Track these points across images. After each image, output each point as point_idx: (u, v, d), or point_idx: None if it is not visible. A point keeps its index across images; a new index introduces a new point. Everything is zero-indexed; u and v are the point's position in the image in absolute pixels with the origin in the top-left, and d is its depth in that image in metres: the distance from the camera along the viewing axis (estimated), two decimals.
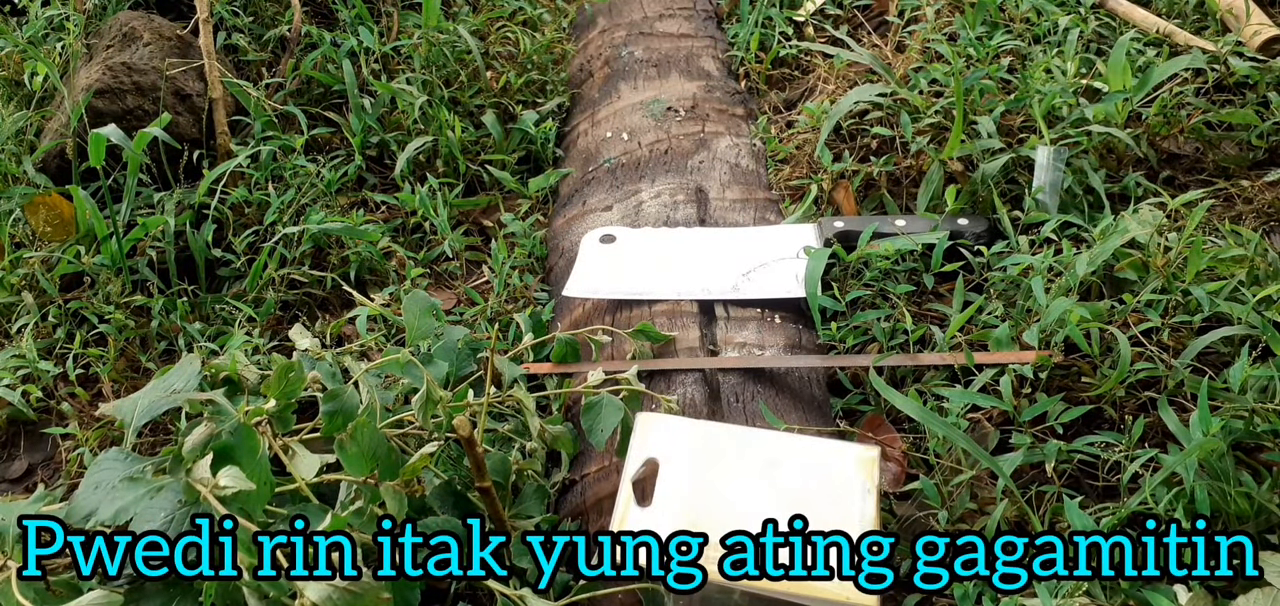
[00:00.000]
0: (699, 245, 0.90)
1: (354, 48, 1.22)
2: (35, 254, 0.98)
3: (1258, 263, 0.76)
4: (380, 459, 0.58)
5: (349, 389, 0.65)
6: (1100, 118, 0.96)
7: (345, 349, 0.81)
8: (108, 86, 1.08)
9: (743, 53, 1.23)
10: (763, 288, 0.84)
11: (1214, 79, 1.02)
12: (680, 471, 0.60)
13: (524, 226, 1.01)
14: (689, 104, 1.11)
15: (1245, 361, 0.68)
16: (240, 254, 0.99)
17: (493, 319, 0.91)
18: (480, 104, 1.17)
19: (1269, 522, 0.60)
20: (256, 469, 0.55)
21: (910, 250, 0.86)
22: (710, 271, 0.86)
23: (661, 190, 0.98)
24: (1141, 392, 0.72)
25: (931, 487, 0.66)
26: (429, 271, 0.99)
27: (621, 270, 0.88)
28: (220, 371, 0.67)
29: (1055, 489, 0.66)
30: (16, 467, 0.86)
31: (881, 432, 0.73)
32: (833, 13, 1.27)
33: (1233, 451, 0.62)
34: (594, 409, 0.67)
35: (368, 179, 1.11)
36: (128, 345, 0.92)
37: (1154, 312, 0.75)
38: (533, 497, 0.68)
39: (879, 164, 0.98)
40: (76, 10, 1.24)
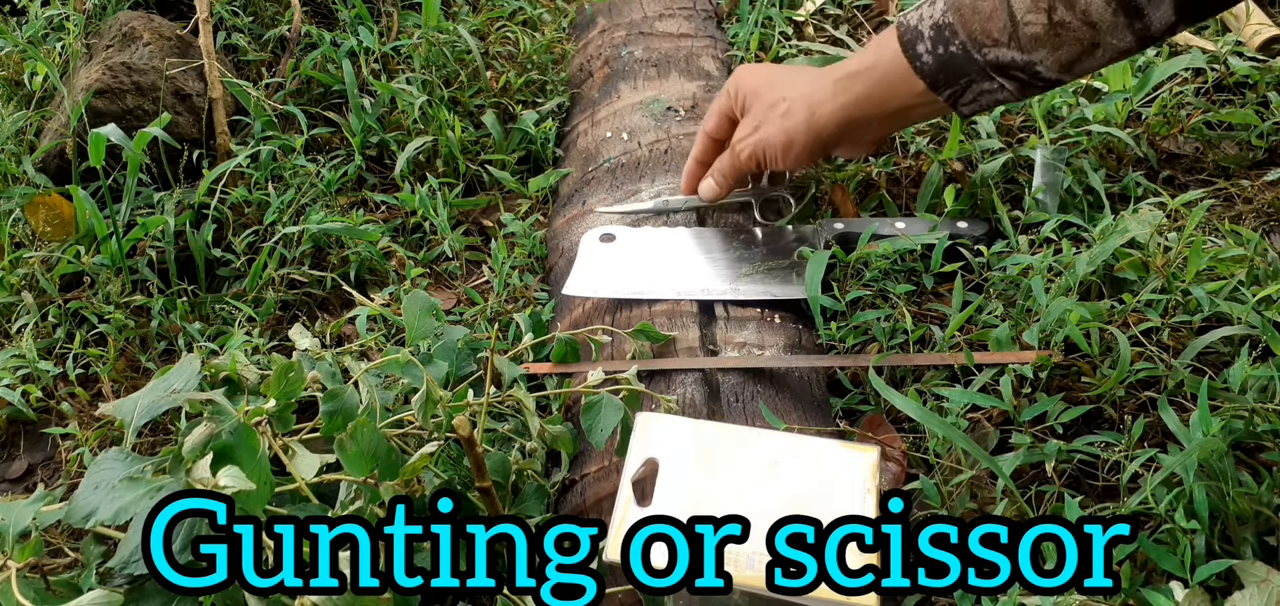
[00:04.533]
0: (699, 245, 0.90)
1: (354, 48, 1.22)
2: (35, 254, 0.98)
3: (1258, 263, 0.76)
4: (380, 459, 0.58)
5: (349, 389, 0.65)
6: (1100, 117, 0.96)
7: (345, 349, 0.81)
8: (108, 86, 1.08)
9: (743, 53, 1.24)
10: (762, 288, 0.84)
11: (1214, 79, 1.02)
12: (680, 471, 0.60)
13: (524, 226, 1.01)
14: (689, 104, 1.11)
15: (1245, 361, 0.68)
16: (240, 254, 0.99)
17: (493, 319, 0.91)
18: (480, 104, 1.17)
19: (1269, 523, 0.60)
20: (256, 469, 0.55)
21: (910, 250, 0.86)
22: (710, 271, 0.87)
23: (661, 190, 0.98)
24: (1141, 392, 0.72)
25: (931, 487, 0.66)
26: (429, 271, 0.99)
27: (621, 269, 0.88)
28: (220, 371, 0.67)
29: (1055, 488, 0.66)
30: (16, 467, 0.86)
31: (881, 432, 0.73)
32: (833, 12, 1.27)
33: (1233, 451, 0.62)
34: (594, 409, 0.67)
35: (368, 179, 1.11)
36: (128, 345, 0.92)
37: (1154, 312, 0.75)
38: (533, 497, 0.68)
39: (878, 164, 0.98)
40: (76, 10, 1.24)
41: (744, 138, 0.85)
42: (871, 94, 0.76)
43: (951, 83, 0.72)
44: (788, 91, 0.81)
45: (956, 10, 0.70)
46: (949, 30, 0.70)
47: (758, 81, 0.85)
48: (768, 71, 0.86)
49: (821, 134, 0.80)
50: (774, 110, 0.82)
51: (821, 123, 0.79)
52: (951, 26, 0.70)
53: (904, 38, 0.73)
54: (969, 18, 0.69)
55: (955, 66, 0.71)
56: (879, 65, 0.75)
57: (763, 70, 0.86)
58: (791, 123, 0.80)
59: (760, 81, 0.85)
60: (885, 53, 0.75)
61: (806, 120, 0.80)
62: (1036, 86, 0.70)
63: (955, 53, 0.70)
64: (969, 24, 0.69)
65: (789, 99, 0.81)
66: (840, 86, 0.78)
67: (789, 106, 0.81)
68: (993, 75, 0.70)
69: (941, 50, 0.71)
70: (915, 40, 0.72)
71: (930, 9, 0.72)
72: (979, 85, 0.71)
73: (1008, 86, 0.71)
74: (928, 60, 0.72)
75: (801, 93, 0.80)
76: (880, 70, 0.75)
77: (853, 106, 0.77)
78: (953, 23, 0.70)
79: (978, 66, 0.70)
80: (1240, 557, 0.58)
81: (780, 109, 0.81)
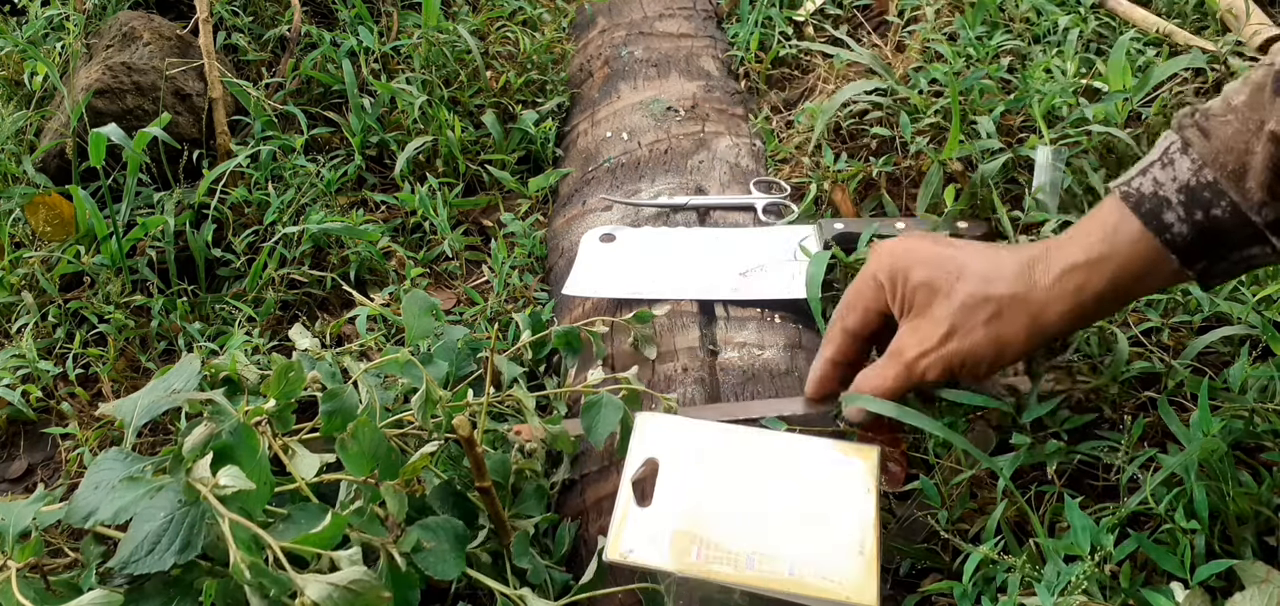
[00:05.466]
0: (699, 245, 0.90)
1: (354, 48, 1.22)
2: (35, 254, 0.98)
3: None
4: (380, 458, 0.58)
5: (349, 389, 0.65)
6: (1100, 117, 0.96)
7: (345, 349, 0.81)
8: (108, 86, 1.08)
9: (743, 52, 1.24)
10: (763, 288, 0.84)
11: (1214, 79, 1.02)
12: (680, 471, 0.60)
13: (524, 226, 1.01)
14: (689, 104, 1.11)
15: (1245, 361, 0.68)
16: (240, 254, 0.99)
17: (492, 319, 0.91)
18: (480, 104, 1.17)
19: (1269, 523, 0.60)
20: (256, 468, 0.55)
21: None
22: (710, 272, 0.86)
23: (661, 190, 0.98)
24: (1141, 392, 0.72)
25: (931, 487, 0.66)
26: (429, 271, 0.99)
27: (621, 269, 0.88)
28: (220, 371, 0.67)
29: (1055, 489, 0.66)
30: (16, 467, 0.86)
31: (881, 432, 0.73)
32: (833, 12, 1.27)
33: (1233, 451, 0.62)
34: (593, 408, 0.67)
35: (367, 179, 1.11)
36: (128, 345, 0.92)
37: (1154, 312, 0.75)
38: (533, 497, 0.68)
39: (878, 164, 0.98)
40: (76, 10, 1.24)
41: (928, 350, 0.65)
42: (1109, 287, 0.61)
43: (1210, 252, 0.59)
44: (987, 288, 0.64)
45: (1216, 165, 0.57)
46: (1208, 191, 0.57)
47: (932, 270, 0.66)
48: (936, 255, 0.67)
49: (1046, 339, 0.64)
50: (975, 315, 0.64)
51: (1047, 328, 0.63)
52: (1212, 185, 0.57)
53: (1142, 210, 0.59)
54: (1238, 173, 0.57)
55: (1220, 233, 0.58)
56: (1117, 253, 0.61)
57: (928, 251, 0.67)
58: (1008, 331, 0.64)
59: (934, 269, 0.66)
60: (1121, 235, 0.60)
61: (1028, 328, 0.63)
62: None
63: (1220, 217, 0.57)
64: (1240, 181, 0.57)
65: (994, 300, 0.64)
66: (1066, 281, 0.62)
67: (997, 309, 0.64)
68: (1270, 237, 0.57)
69: (1200, 216, 0.58)
70: (1159, 210, 0.59)
71: (1166, 171, 0.59)
72: (1246, 250, 0.59)
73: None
74: (1182, 231, 0.58)
75: (1011, 291, 0.63)
76: (1120, 258, 0.61)
77: (1087, 305, 0.62)
78: (1213, 180, 0.57)
79: (1252, 230, 0.57)
80: (1240, 557, 0.58)
81: (983, 314, 0.64)
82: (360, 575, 0.50)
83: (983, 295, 0.64)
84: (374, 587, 0.50)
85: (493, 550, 0.63)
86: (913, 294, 0.67)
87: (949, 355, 0.65)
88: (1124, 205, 0.60)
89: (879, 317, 0.69)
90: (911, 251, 0.67)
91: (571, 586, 0.62)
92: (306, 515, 0.55)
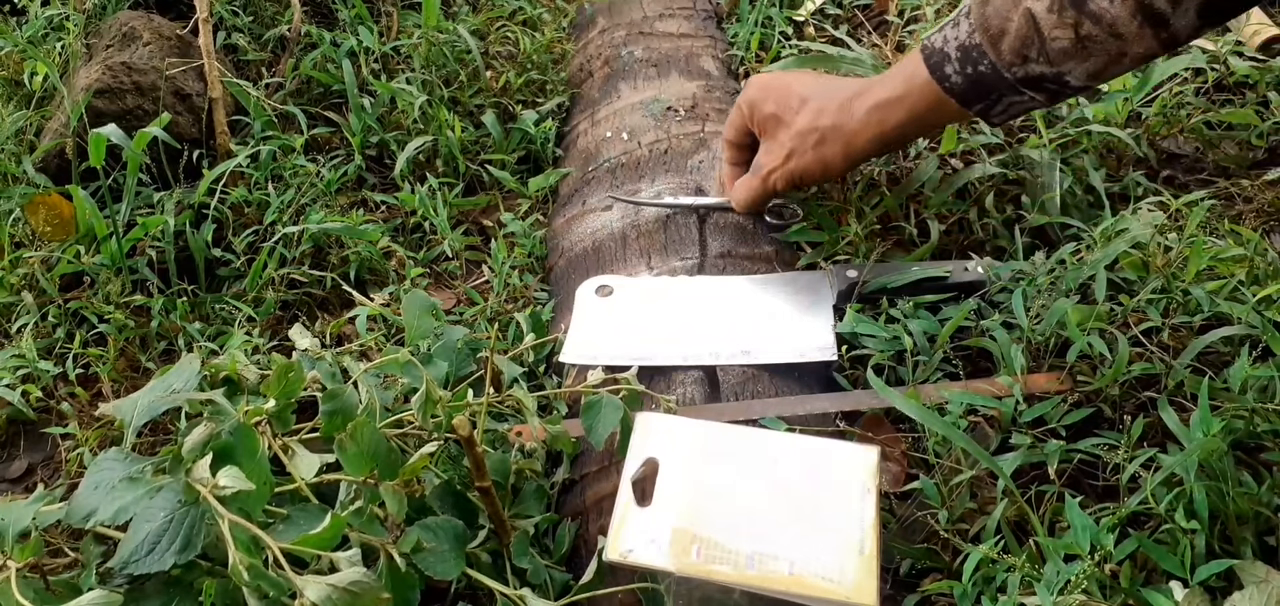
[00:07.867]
0: (701, 298, 0.85)
1: (354, 47, 1.22)
2: (35, 254, 0.98)
3: (1258, 262, 0.76)
4: (380, 459, 0.58)
5: (349, 389, 0.65)
6: (1100, 117, 0.96)
7: (345, 349, 0.81)
8: (107, 86, 1.08)
9: (743, 52, 1.24)
10: (773, 352, 0.79)
11: (1214, 79, 1.02)
12: (680, 471, 0.60)
13: (524, 226, 1.01)
14: (689, 103, 1.11)
15: (1245, 361, 0.68)
16: (240, 254, 0.99)
17: (493, 319, 0.91)
18: (480, 104, 1.17)
19: (1269, 523, 0.60)
20: (256, 469, 0.55)
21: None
22: (715, 331, 0.81)
23: (662, 190, 0.98)
24: (1141, 392, 0.72)
25: (931, 487, 0.66)
26: (429, 271, 0.99)
27: (620, 329, 0.83)
28: (220, 371, 0.67)
29: (1055, 489, 0.66)
30: (16, 467, 0.86)
31: (881, 432, 0.73)
32: (833, 12, 1.27)
33: (1233, 451, 0.62)
34: (593, 408, 0.67)
35: (367, 179, 1.11)
36: (128, 345, 0.92)
37: (1154, 311, 0.75)
38: (533, 497, 0.68)
39: (879, 164, 0.98)
40: (76, 10, 1.24)
41: (775, 167, 0.85)
42: (905, 120, 0.78)
43: (982, 98, 0.74)
44: (816, 119, 0.81)
45: (983, 30, 0.71)
46: (976, 51, 0.72)
47: (777, 103, 0.84)
48: (783, 88, 0.84)
49: (857, 159, 0.82)
50: (805, 140, 0.82)
51: (858, 151, 0.81)
52: (979, 46, 0.71)
53: (931, 61, 0.75)
54: (996, 37, 0.70)
55: (985, 84, 0.73)
56: (910, 93, 0.77)
57: (777, 86, 0.85)
58: (828, 153, 0.81)
59: (779, 102, 0.84)
60: (915, 80, 0.76)
61: (843, 151, 0.81)
62: (1065, 94, 0.73)
63: (984, 72, 0.72)
64: (996, 44, 0.71)
65: (820, 129, 0.81)
66: (873, 115, 0.79)
67: (821, 136, 0.81)
68: (1022, 89, 0.72)
69: (970, 70, 0.73)
70: (942, 63, 0.74)
71: (954, 30, 0.73)
72: (1009, 98, 0.73)
73: (1038, 97, 0.73)
74: (957, 81, 0.74)
75: (833, 122, 0.81)
76: (912, 98, 0.77)
77: (888, 134, 0.79)
78: (980, 43, 0.71)
79: (1007, 83, 0.72)
80: (1240, 557, 0.58)
81: (811, 139, 0.82)
82: (360, 576, 0.50)
83: (811, 125, 0.82)
84: (373, 588, 0.50)
85: (493, 550, 0.63)
86: (764, 122, 0.85)
87: (790, 171, 0.84)
88: (920, 56, 0.76)
89: (747, 134, 0.89)
90: (766, 87, 0.86)
91: (571, 586, 0.62)
92: (306, 515, 0.55)
